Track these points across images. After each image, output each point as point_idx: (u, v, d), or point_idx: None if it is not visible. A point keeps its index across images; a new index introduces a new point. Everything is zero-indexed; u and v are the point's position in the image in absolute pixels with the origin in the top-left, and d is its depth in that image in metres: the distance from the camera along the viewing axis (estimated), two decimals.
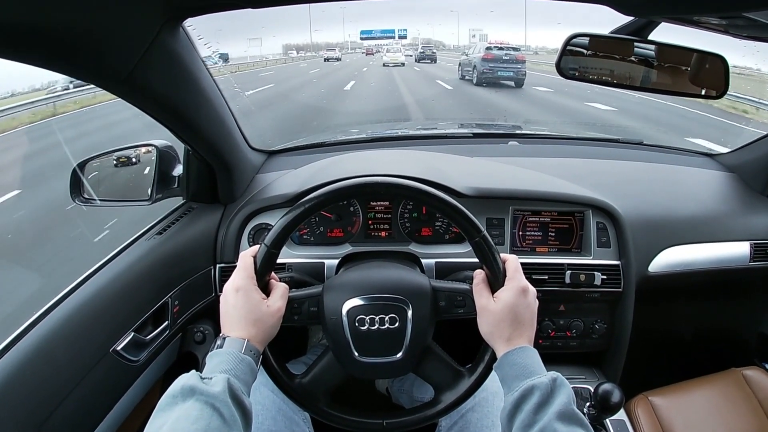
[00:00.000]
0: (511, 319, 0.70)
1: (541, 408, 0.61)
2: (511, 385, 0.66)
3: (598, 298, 1.13)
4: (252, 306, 0.69)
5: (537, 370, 0.66)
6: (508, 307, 0.70)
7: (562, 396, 0.62)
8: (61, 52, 0.59)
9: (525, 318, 0.71)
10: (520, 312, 0.71)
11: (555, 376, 0.64)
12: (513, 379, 0.66)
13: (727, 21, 0.69)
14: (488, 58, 11.05)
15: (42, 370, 0.73)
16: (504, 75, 11.07)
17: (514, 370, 0.67)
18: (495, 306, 0.71)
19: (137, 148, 1.14)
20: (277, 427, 0.86)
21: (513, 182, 1.17)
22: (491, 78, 11.04)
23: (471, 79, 11.76)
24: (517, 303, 0.71)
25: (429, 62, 20.46)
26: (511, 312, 0.70)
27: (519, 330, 0.70)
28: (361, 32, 44.76)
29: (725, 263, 1.22)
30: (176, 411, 0.56)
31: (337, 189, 0.74)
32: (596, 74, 1.00)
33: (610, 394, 0.87)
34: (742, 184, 1.36)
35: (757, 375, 1.15)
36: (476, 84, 11.20)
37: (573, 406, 0.62)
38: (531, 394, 0.63)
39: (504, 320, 0.70)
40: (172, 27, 0.71)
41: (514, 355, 0.68)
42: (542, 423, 0.60)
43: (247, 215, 1.11)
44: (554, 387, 0.63)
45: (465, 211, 0.73)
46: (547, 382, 0.63)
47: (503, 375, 0.68)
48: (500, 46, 11.31)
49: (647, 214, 1.20)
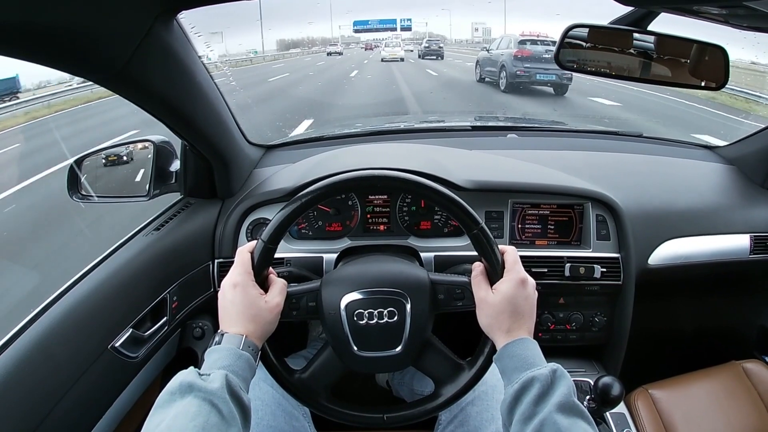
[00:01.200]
0: (510, 311, 0.70)
1: (541, 400, 0.61)
2: (510, 377, 0.66)
3: (597, 291, 1.13)
4: (250, 302, 0.69)
5: (537, 361, 0.66)
6: (507, 299, 0.70)
7: (562, 387, 0.62)
8: (51, 46, 0.59)
9: (524, 309, 0.71)
10: (520, 303, 0.70)
11: (555, 368, 0.64)
12: (513, 370, 0.66)
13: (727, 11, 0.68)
14: (524, 56, 8.32)
15: (40, 367, 0.73)
16: (544, 79, 8.34)
17: (514, 362, 0.66)
18: (494, 298, 0.71)
19: (134, 144, 1.13)
20: (277, 423, 0.86)
21: (512, 175, 1.17)
22: (527, 82, 8.43)
23: (494, 81, 9.19)
24: (516, 294, 0.70)
25: (435, 58, 18.18)
26: (510, 304, 0.70)
27: (518, 322, 0.70)
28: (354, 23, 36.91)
29: (725, 256, 1.21)
30: (174, 408, 0.56)
31: (333, 183, 0.73)
32: (595, 66, 1.00)
33: (610, 387, 0.87)
34: (741, 176, 1.36)
35: (757, 368, 1.15)
36: (504, 90, 8.63)
37: (573, 397, 0.61)
38: (531, 386, 0.62)
39: (503, 312, 0.70)
40: (166, 20, 0.70)
41: (514, 347, 0.68)
42: (542, 415, 0.59)
43: (245, 210, 1.11)
44: (554, 378, 0.63)
45: (463, 204, 0.73)
46: (547, 373, 0.63)
47: (503, 367, 0.68)
48: (537, 39, 8.61)
49: (647, 206, 1.19)
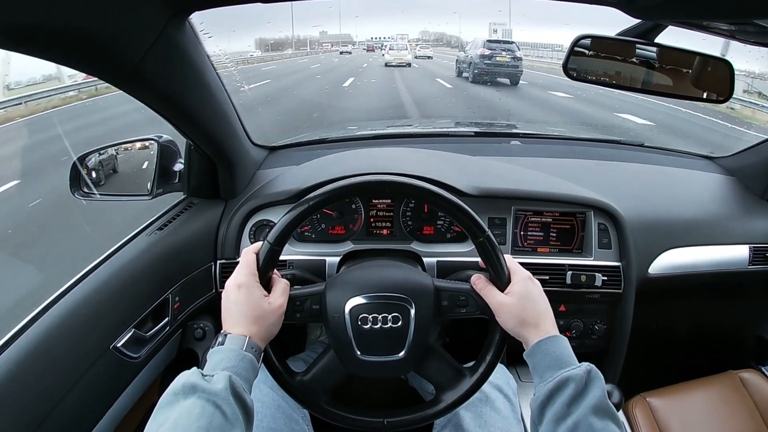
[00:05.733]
0: (532, 306, 0.71)
1: (575, 401, 0.61)
2: (543, 375, 0.65)
3: (598, 299, 1.14)
4: (254, 303, 0.69)
5: (570, 360, 0.66)
6: (525, 296, 0.71)
7: (596, 389, 0.62)
8: (67, 46, 0.59)
9: (542, 302, 0.72)
10: (536, 298, 0.72)
11: (590, 368, 0.64)
12: (546, 368, 0.66)
13: (736, 27, 0.69)
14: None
15: (42, 366, 0.73)
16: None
17: (547, 360, 0.66)
18: (511, 299, 0.71)
19: (138, 142, 1.13)
20: (276, 425, 0.85)
21: (516, 182, 1.17)
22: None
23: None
24: (531, 290, 0.72)
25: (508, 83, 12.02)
26: (529, 300, 0.71)
27: (543, 315, 0.71)
28: None
29: (724, 266, 1.22)
30: (178, 408, 0.56)
31: (341, 187, 0.73)
32: (597, 75, 1.01)
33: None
34: (742, 187, 1.37)
35: (754, 378, 1.16)
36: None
37: (606, 399, 0.62)
38: (565, 386, 0.62)
39: (526, 308, 0.71)
40: (179, 21, 0.70)
41: (547, 344, 0.68)
42: (576, 416, 0.59)
43: (248, 211, 1.11)
44: (589, 379, 0.62)
45: (469, 211, 0.73)
46: (581, 374, 0.63)
47: (535, 364, 0.68)
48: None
49: (648, 215, 1.20)
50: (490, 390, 0.91)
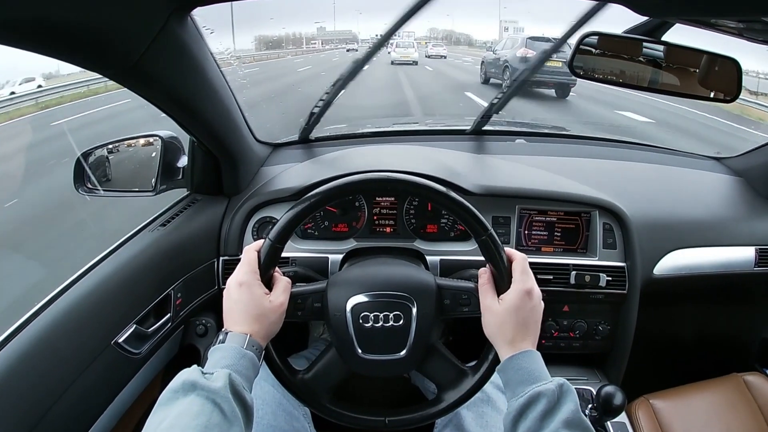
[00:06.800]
0: (515, 322, 0.69)
1: (547, 416, 0.61)
2: (515, 390, 0.65)
3: (602, 299, 1.13)
4: (255, 301, 0.69)
5: (542, 375, 0.65)
6: (513, 310, 0.69)
7: (569, 403, 0.61)
8: (67, 41, 0.58)
9: (529, 321, 0.70)
10: (525, 315, 0.70)
11: (561, 383, 0.63)
12: (517, 384, 0.65)
13: (744, 24, 0.68)
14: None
15: (43, 361, 0.73)
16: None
17: (519, 375, 0.66)
18: (499, 307, 0.70)
19: (141, 138, 1.13)
20: (277, 422, 0.85)
21: (520, 181, 1.16)
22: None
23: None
24: (522, 306, 0.69)
25: None
26: (516, 314, 0.69)
27: (523, 333, 0.69)
28: None
29: (730, 268, 1.21)
30: (177, 406, 0.56)
31: (344, 184, 0.73)
32: (604, 74, 1.00)
33: (613, 397, 0.87)
34: (748, 188, 1.35)
35: (758, 380, 1.15)
36: None
37: (579, 413, 0.61)
38: (537, 401, 0.62)
39: (507, 322, 0.69)
40: (181, 16, 0.70)
41: (519, 360, 0.67)
42: (549, 431, 0.59)
43: (251, 208, 1.11)
44: (561, 394, 0.62)
45: (472, 209, 0.73)
46: (553, 388, 0.62)
47: (507, 379, 0.68)
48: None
49: (653, 216, 1.19)
50: (492, 390, 0.91)
